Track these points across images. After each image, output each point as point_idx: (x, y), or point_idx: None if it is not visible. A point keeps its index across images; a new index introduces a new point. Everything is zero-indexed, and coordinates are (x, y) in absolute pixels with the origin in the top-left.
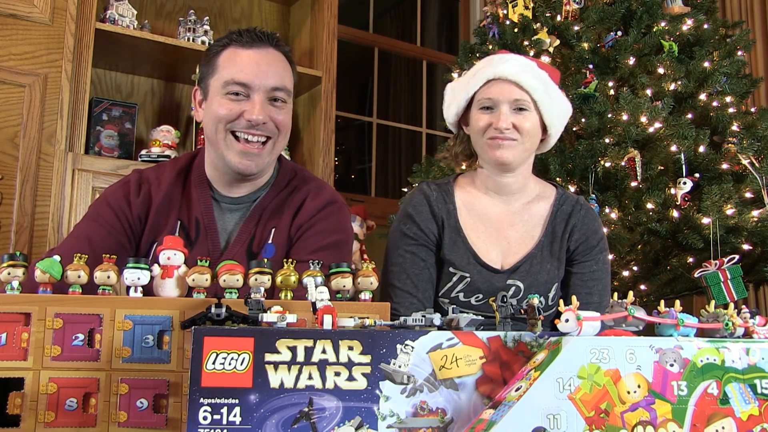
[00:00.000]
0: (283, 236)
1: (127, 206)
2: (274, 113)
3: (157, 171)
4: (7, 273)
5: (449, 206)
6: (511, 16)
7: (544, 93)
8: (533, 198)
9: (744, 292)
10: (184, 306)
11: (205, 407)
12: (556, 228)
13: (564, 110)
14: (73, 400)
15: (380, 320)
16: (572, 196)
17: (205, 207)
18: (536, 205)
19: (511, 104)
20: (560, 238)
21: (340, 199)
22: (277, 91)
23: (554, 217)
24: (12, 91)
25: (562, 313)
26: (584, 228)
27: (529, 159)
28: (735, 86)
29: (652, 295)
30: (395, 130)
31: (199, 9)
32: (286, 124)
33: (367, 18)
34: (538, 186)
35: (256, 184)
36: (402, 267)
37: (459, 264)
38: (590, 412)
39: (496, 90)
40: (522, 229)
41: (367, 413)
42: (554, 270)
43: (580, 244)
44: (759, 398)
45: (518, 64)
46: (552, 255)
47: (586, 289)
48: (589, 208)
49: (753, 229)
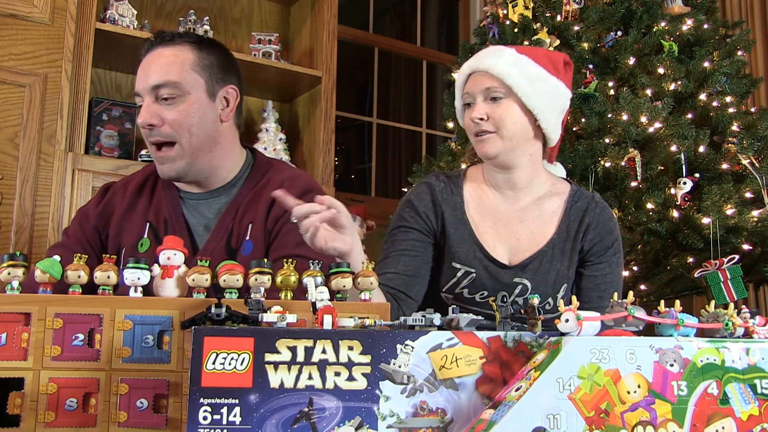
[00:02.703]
0: (260, 231)
1: (85, 218)
2: (165, 112)
3: (129, 177)
4: (7, 273)
5: (456, 198)
6: (511, 16)
7: (520, 77)
8: (544, 194)
9: (744, 292)
10: (184, 306)
11: (205, 407)
12: (570, 226)
13: (554, 94)
14: (73, 400)
15: (380, 320)
16: (587, 193)
17: (173, 206)
18: (548, 201)
19: (483, 94)
20: (574, 236)
21: (317, 187)
22: (159, 88)
23: (568, 215)
24: (12, 91)
25: (562, 313)
26: (599, 227)
27: (528, 151)
28: (735, 86)
29: (652, 295)
30: (395, 130)
31: (199, 9)
32: (180, 121)
33: (367, 18)
34: (549, 181)
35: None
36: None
37: (464, 258)
38: (590, 412)
39: (471, 83)
40: (532, 225)
41: (367, 413)
42: (564, 270)
43: (595, 245)
44: (759, 398)
45: (492, 52)
46: (563, 254)
47: (598, 293)
48: (605, 205)
49: (753, 229)
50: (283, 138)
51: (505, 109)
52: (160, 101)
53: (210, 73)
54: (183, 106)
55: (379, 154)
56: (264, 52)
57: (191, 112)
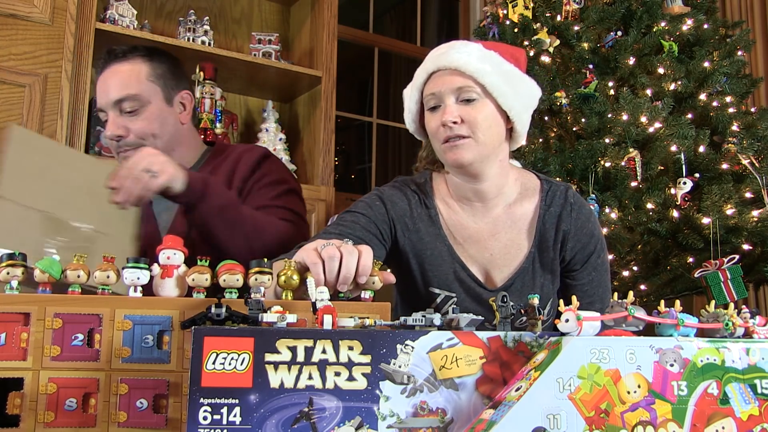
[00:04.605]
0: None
1: None
2: (129, 123)
3: None
4: (7, 273)
5: (431, 212)
6: (511, 16)
7: (495, 75)
8: (515, 199)
9: (744, 292)
10: (184, 306)
11: (205, 407)
12: (546, 235)
13: (529, 93)
14: (72, 400)
15: (380, 320)
16: (559, 191)
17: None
18: (519, 208)
19: (455, 94)
20: (551, 247)
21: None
22: (122, 102)
23: (542, 222)
24: (12, 91)
25: (562, 313)
26: (578, 234)
27: (498, 156)
28: (735, 86)
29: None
30: (395, 130)
31: (199, 9)
32: (144, 129)
33: (367, 18)
34: (518, 182)
35: None
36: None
37: (443, 281)
38: (590, 412)
39: (437, 82)
40: (505, 237)
41: (367, 413)
42: (549, 285)
43: (576, 253)
44: (759, 398)
45: (458, 47)
46: (544, 268)
47: (587, 299)
48: (581, 204)
49: (753, 229)
50: (283, 138)
51: (479, 111)
52: (123, 114)
53: (164, 81)
54: (145, 115)
55: (379, 154)
56: (264, 52)
57: (153, 119)
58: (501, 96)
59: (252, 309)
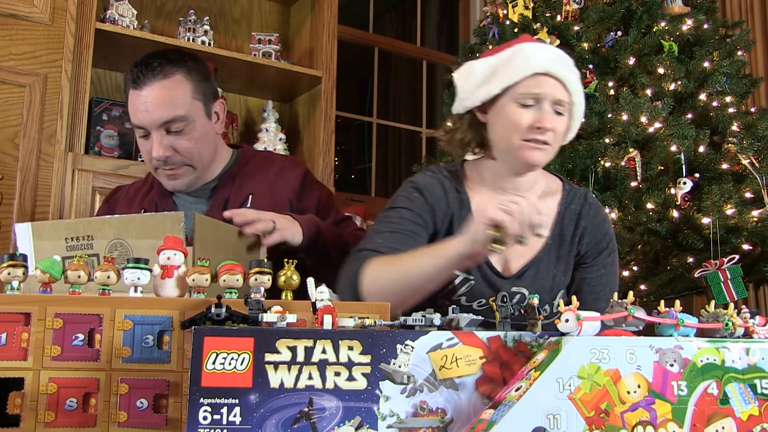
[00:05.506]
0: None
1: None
2: (177, 143)
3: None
4: (7, 273)
5: (462, 196)
6: (511, 16)
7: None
8: (540, 194)
9: (744, 292)
10: (184, 306)
11: (205, 407)
12: (565, 230)
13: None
14: (73, 400)
15: (380, 320)
16: (579, 192)
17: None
18: (544, 203)
19: (552, 103)
20: (569, 241)
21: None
22: (169, 123)
23: (562, 218)
24: (12, 91)
25: (562, 313)
26: (594, 230)
27: None
28: (735, 86)
29: (652, 295)
30: (395, 130)
31: (199, 9)
32: (191, 149)
33: (367, 18)
34: (544, 180)
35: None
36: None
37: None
38: (590, 412)
39: (542, 85)
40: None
41: (367, 413)
42: (561, 276)
43: (590, 248)
44: (759, 398)
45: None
46: (559, 259)
47: (593, 295)
48: (599, 205)
49: (753, 229)
50: (283, 138)
51: (563, 124)
52: (170, 134)
53: (204, 95)
54: (191, 134)
55: (379, 154)
56: (264, 52)
57: (198, 137)
58: (576, 119)
59: (252, 309)
